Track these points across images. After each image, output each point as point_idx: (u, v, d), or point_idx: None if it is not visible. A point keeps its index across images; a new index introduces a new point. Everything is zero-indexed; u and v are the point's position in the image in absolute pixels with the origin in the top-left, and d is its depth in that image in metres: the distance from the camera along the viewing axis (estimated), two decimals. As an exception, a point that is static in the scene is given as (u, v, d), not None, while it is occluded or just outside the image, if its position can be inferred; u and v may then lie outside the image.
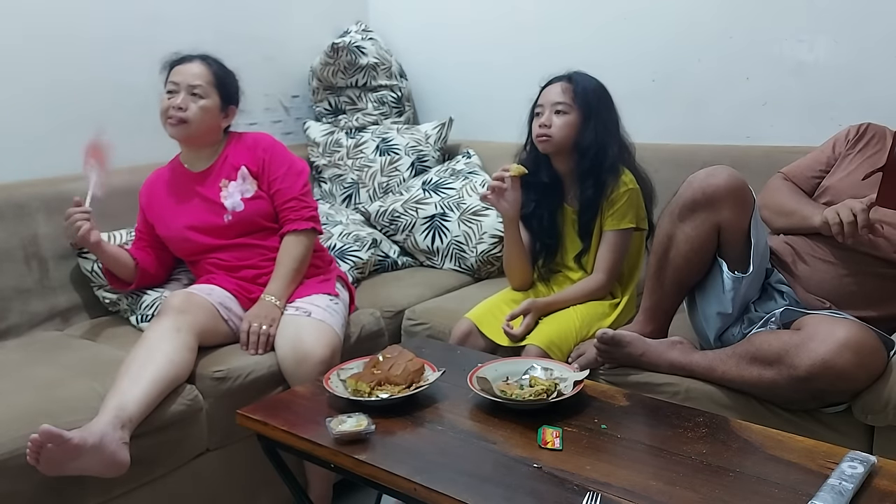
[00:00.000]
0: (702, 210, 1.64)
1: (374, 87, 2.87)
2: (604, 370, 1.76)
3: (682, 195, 1.67)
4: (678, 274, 1.71)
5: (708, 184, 1.63)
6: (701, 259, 1.69)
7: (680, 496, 1.14)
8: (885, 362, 1.51)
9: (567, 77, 1.98)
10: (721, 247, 1.68)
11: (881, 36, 2.09)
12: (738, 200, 1.63)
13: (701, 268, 1.71)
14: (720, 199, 1.62)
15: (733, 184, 1.62)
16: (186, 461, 1.72)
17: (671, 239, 1.69)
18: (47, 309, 2.09)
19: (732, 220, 1.63)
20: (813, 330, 1.50)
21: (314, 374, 1.71)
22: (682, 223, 1.67)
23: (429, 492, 1.19)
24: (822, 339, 1.45)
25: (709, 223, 1.64)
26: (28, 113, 2.19)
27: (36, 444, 1.37)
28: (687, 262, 1.69)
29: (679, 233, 1.67)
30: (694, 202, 1.64)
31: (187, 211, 2.01)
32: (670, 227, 1.69)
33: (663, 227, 1.71)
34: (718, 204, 1.62)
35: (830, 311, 1.63)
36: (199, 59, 1.98)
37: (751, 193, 1.65)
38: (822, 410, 1.54)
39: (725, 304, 1.69)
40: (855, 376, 1.46)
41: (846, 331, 1.46)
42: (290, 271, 1.95)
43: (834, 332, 1.46)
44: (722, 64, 2.35)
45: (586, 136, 1.93)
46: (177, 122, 1.92)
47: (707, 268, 1.72)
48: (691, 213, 1.65)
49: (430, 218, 2.54)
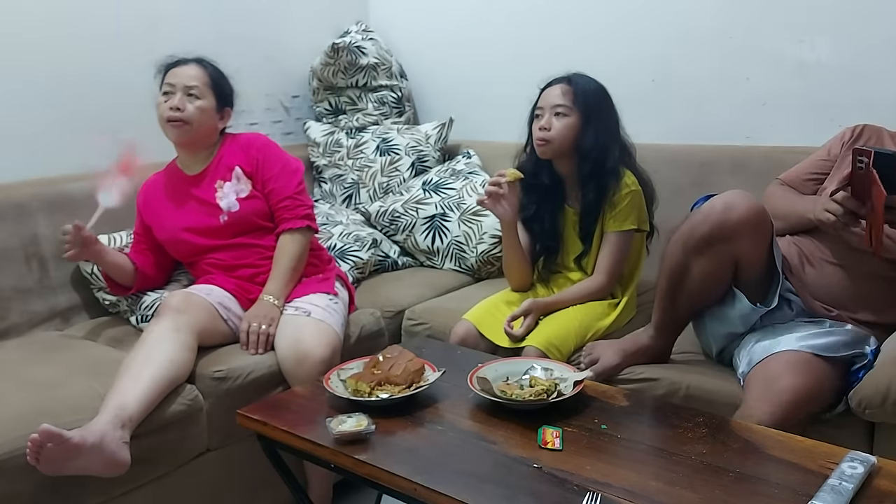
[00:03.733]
0: (718, 244, 1.56)
1: (374, 87, 2.87)
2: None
3: (697, 228, 1.58)
4: (692, 300, 1.67)
5: (726, 218, 1.54)
6: (716, 290, 1.65)
7: (680, 496, 1.14)
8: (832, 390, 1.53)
9: (566, 79, 1.97)
10: (738, 276, 1.63)
11: (881, 36, 2.08)
12: (757, 231, 1.57)
13: (716, 296, 1.67)
14: (739, 233, 1.55)
15: (752, 216, 1.55)
16: (186, 461, 1.72)
17: (686, 268, 1.62)
18: (47, 309, 2.09)
19: (750, 251, 1.58)
20: (758, 391, 1.49)
21: (314, 373, 1.71)
22: (698, 256, 1.59)
23: (429, 492, 1.19)
24: (761, 405, 1.45)
25: (726, 257, 1.58)
26: (28, 113, 2.19)
27: (36, 443, 1.37)
28: (702, 291, 1.64)
29: (695, 265, 1.60)
30: (711, 237, 1.56)
31: (183, 213, 2.02)
32: (684, 257, 1.61)
33: (676, 256, 1.63)
34: (737, 238, 1.55)
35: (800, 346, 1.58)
36: (195, 61, 1.99)
37: (769, 220, 1.59)
38: (822, 416, 1.55)
39: (736, 326, 1.67)
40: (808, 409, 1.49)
41: (788, 393, 1.45)
42: (288, 270, 1.95)
43: (774, 395, 1.46)
44: (722, 64, 2.35)
45: (587, 139, 1.92)
46: (179, 125, 1.92)
47: (722, 294, 1.67)
48: (707, 248, 1.57)
49: (430, 218, 2.54)
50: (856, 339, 1.61)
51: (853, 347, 1.58)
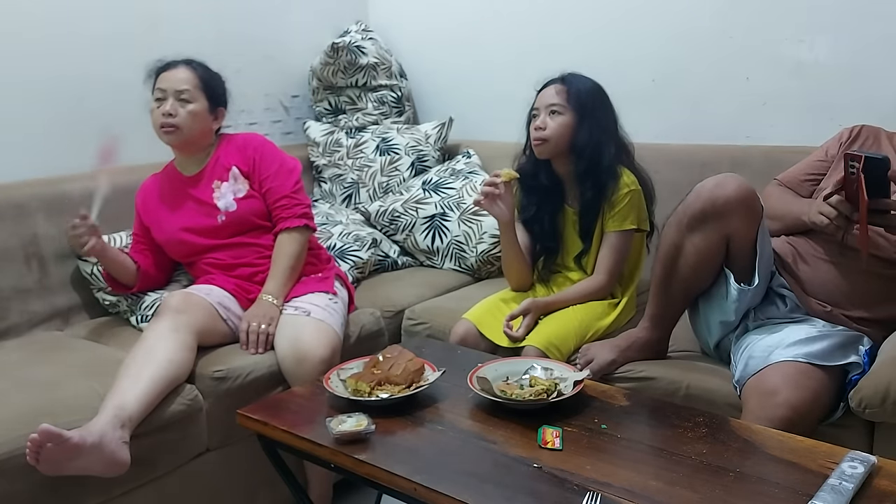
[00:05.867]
0: (711, 221, 1.60)
1: (374, 86, 2.87)
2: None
3: (691, 205, 1.63)
4: (685, 283, 1.69)
5: (717, 195, 1.59)
6: (709, 269, 1.67)
7: (680, 496, 1.14)
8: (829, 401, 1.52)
9: (561, 79, 1.98)
10: (728, 257, 1.66)
11: (881, 36, 2.09)
12: (748, 210, 1.60)
13: (708, 277, 1.69)
14: (730, 209, 1.59)
15: (743, 194, 1.59)
16: (186, 461, 1.72)
17: (679, 249, 1.66)
18: (47, 309, 2.09)
19: (741, 231, 1.61)
20: (754, 405, 1.49)
21: (314, 373, 1.71)
22: (691, 234, 1.63)
23: (429, 492, 1.19)
24: (760, 421, 1.44)
25: (718, 234, 1.61)
26: (28, 113, 2.19)
27: (35, 443, 1.37)
28: (694, 272, 1.67)
29: (687, 243, 1.64)
30: (703, 213, 1.61)
31: (181, 214, 2.02)
32: (678, 237, 1.66)
33: (670, 237, 1.68)
34: (728, 215, 1.59)
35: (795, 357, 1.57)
36: (184, 63, 1.99)
37: (759, 203, 1.62)
38: (819, 426, 1.55)
39: (728, 313, 1.68)
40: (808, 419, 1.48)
41: (784, 409, 1.45)
42: (286, 269, 1.95)
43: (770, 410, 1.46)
44: (722, 64, 2.35)
45: (581, 136, 1.93)
46: (171, 130, 1.93)
47: (714, 277, 1.70)
48: (700, 224, 1.62)
49: (430, 218, 2.54)
50: (849, 340, 1.61)
51: (847, 350, 1.58)
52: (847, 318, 1.67)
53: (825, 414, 1.54)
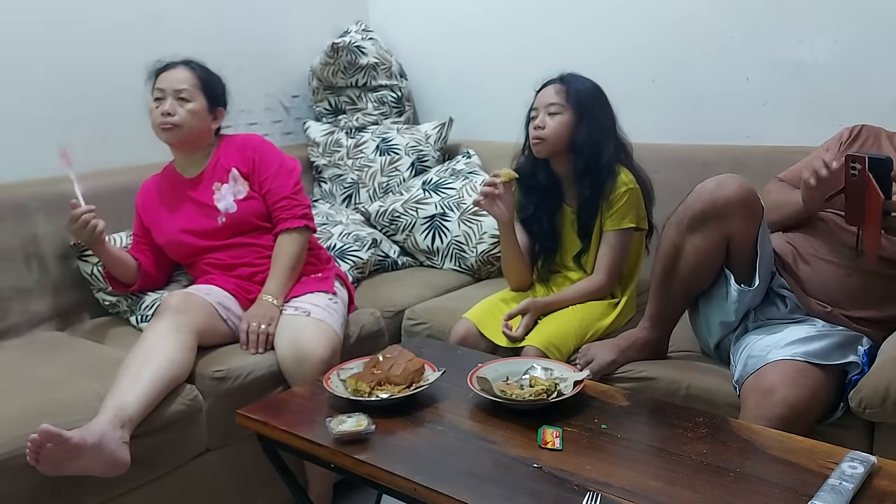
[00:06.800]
0: (711, 221, 1.60)
1: (374, 87, 2.87)
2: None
3: (691, 206, 1.63)
4: (685, 284, 1.69)
5: (718, 195, 1.59)
6: (709, 270, 1.67)
7: (680, 496, 1.14)
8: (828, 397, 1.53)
9: (560, 79, 1.99)
10: (729, 257, 1.66)
11: (881, 36, 2.08)
12: (748, 211, 1.60)
13: (708, 278, 1.69)
14: (730, 210, 1.59)
15: (743, 194, 1.59)
16: (186, 461, 1.72)
17: (679, 249, 1.66)
18: (47, 309, 2.08)
19: (742, 231, 1.61)
20: (753, 404, 1.49)
21: (314, 373, 1.71)
22: (691, 234, 1.63)
23: (429, 492, 1.19)
24: (758, 420, 1.44)
25: (718, 234, 1.61)
26: (28, 113, 2.19)
27: (35, 443, 1.37)
28: (695, 272, 1.67)
29: (688, 244, 1.64)
30: (704, 213, 1.61)
31: (181, 216, 2.02)
32: (678, 237, 1.66)
33: (670, 237, 1.68)
34: (728, 215, 1.59)
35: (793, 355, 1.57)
36: (183, 64, 2.00)
37: (760, 203, 1.62)
38: (819, 426, 1.55)
39: (728, 314, 1.68)
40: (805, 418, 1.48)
41: (782, 407, 1.45)
42: (286, 269, 1.95)
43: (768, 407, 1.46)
44: (722, 64, 2.35)
45: (580, 136, 1.94)
46: (170, 127, 1.93)
47: (714, 278, 1.70)
48: (701, 225, 1.62)
49: (430, 218, 2.54)
50: (848, 340, 1.61)
51: (846, 350, 1.58)
52: (847, 319, 1.67)
53: (823, 413, 1.54)
